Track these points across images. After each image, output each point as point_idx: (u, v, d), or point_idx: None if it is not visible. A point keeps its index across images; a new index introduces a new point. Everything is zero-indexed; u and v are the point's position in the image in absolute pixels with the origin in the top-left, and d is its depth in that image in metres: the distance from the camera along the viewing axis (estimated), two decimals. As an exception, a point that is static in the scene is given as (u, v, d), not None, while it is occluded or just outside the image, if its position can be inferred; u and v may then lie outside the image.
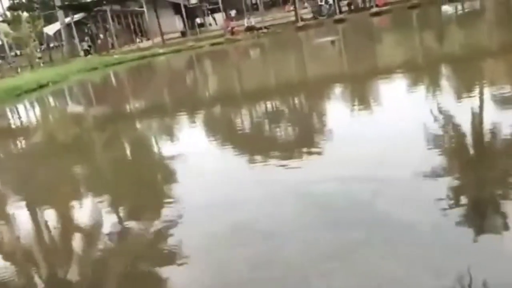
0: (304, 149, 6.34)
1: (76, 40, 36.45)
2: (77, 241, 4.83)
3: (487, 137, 5.54)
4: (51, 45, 41.63)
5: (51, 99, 19.94)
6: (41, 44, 38.96)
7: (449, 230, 3.61)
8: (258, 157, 6.37)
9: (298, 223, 4.11)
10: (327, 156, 5.89)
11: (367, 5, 30.71)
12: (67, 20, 35.53)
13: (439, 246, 3.40)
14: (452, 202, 4.07)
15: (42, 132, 12.59)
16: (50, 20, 40.91)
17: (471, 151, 5.36)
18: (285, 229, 4.05)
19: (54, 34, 40.07)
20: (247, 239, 4.02)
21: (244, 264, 3.65)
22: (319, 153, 6.11)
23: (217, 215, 4.60)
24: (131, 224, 4.95)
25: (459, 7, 24.80)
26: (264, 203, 4.67)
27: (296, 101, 10.42)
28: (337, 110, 8.45)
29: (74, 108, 16.86)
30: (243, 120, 9.36)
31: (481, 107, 6.65)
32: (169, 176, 6.35)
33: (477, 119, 6.26)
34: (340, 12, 29.52)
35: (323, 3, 30.58)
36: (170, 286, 3.71)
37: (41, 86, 20.97)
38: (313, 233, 3.87)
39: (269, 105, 10.20)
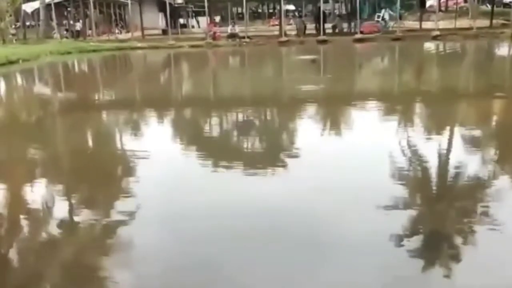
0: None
1: (54, 22, 35.44)
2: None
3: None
4: (27, 23, 40.43)
5: (18, 77, 19.49)
6: (17, 21, 37.80)
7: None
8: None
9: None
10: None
11: (352, 30, 30.77)
12: (48, 0, 34.50)
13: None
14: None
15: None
16: (30, -3, 39.66)
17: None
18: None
19: (32, 12, 38.85)
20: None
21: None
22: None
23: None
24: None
25: (441, 46, 25.08)
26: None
27: (253, 112, 10.34)
28: (290, 128, 8.69)
29: (38, 89, 16.38)
30: (194, 121, 9.78)
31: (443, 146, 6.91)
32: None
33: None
34: (324, 33, 29.40)
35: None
36: None
37: (10, 62, 20.29)
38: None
39: (225, 111, 10.34)
